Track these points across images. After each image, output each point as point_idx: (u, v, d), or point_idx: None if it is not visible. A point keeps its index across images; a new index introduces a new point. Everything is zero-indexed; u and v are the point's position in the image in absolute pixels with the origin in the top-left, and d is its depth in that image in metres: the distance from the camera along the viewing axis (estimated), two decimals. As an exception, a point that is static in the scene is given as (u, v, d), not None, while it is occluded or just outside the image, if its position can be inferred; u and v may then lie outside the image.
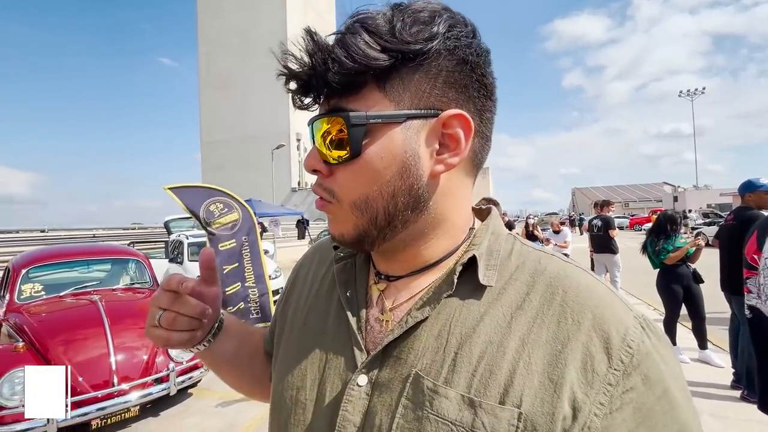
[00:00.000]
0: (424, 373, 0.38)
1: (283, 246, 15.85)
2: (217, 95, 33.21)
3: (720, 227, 3.15)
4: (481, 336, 0.38)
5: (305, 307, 0.53)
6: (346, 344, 0.44)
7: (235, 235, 3.99)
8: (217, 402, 3.40)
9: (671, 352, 0.38)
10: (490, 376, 0.36)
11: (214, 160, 33.21)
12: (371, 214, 0.40)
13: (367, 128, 0.38)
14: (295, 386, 0.46)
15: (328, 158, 0.40)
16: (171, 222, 10.45)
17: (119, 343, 3.02)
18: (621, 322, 0.36)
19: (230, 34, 32.91)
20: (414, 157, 0.39)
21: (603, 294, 0.39)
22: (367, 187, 0.39)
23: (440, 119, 0.39)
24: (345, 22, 0.39)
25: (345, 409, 0.40)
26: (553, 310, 0.38)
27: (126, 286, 4.14)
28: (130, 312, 3.55)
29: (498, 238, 0.45)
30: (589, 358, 0.35)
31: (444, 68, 0.38)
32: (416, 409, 0.37)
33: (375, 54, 0.36)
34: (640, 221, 28.78)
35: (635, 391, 0.34)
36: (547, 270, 0.41)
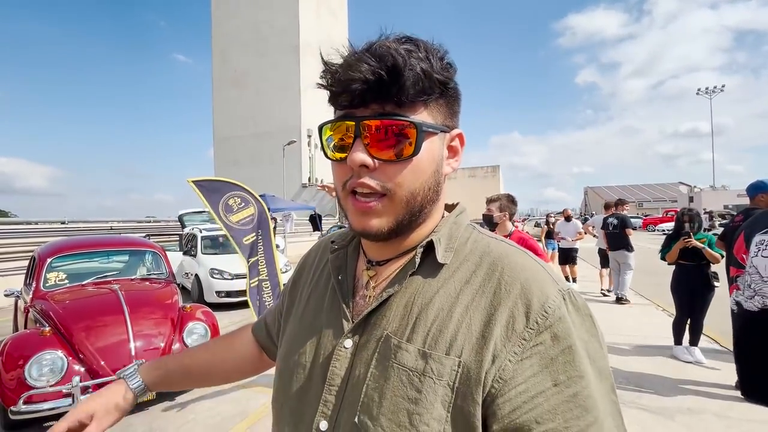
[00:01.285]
0: (392, 334, 0.49)
1: (294, 241, 16.01)
2: (230, 92, 33.55)
3: (727, 228, 3.13)
4: (435, 304, 0.48)
5: (308, 291, 0.64)
6: (337, 317, 0.55)
7: (253, 229, 4.12)
8: (230, 389, 3.53)
9: (586, 321, 0.46)
10: (439, 334, 0.46)
11: (226, 156, 33.61)
12: (413, 206, 0.50)
13: (425, 134, 0.48)
14: (297, 352, 0.57)
15: (381, 155, 0.47)
16: (185, 216, 10.66)
17: (138, 330, 3.15)
18: (543, 292, 0.45)
19: (244, 32, 33.17)
20: (441, 161, 0.52)
21: (535, 271, 0.48)
22: (417, 182, 0.49)
23: (452, 135, 0.53)
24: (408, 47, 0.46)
25: (334, 365, 0.51)
26: (492, 283, 0.48)
27: (143, 277, 4.30)
28: (148, 301, 3.70)
29: (459, 227, 0.55)
30: (511, 319, 0.44)
31: (452, 96, 0.52)
32: (384, 360, 0.47)
33: (439, 78, 0.47)
34: (653, 221, 28.28)
35: (543, 345, 0.43)
36: (492, 252, 0.51)
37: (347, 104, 0.47)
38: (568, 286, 0.48)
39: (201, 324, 3.51)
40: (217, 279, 6.63)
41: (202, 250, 7.40)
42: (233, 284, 6.60)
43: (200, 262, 7.07)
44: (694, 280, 3.69)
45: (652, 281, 7.36)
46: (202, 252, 7.34)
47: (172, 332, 3.33)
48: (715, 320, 4.33)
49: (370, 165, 0.47)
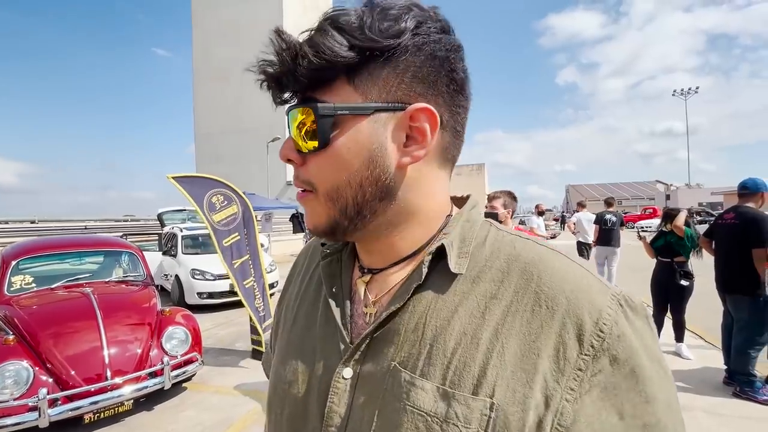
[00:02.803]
0: (402, 366, 0.39)
1: (278, 240, 15.77)
2: (212, 87, 32.79)
3: (718, 225, 3.14)
4: (455, 328, 0.39)
5: (295, 304, 0.54)
6: (333, 338, 0.45)
7: (237, 228, 3.96)
8: (212, 396, 3.38)
9: (648, 328, 0.38)
10: (464, 368, 0.37)
11: (208, 153, 32.87)
12: (341, 203, 0.41)
13: (335, 119, 0.39)
14: (287, 380, 0.47)
15: (301, 147, 0.41)
16: (164, 214, 10.34)
17: (112, 337, 2.97)
18: (594, 307, 0.37)
19: (226, 25, 32.45)
20: (381, 149, 0.40)
21: (578, 277, 0.39)
22: (336, 176, 0.40)
23: (407, 113, 0.39)
24: (318, 18, 0.40)
25: (331, 401, 0.42)
26: (527, 298, 0.38)
27: (119, 279, 4.08)
28: (124, 305, 3.50)
29: (473, 225, 0.45)
30: (561, 346, 0.36)
31: (412, 63, 0.39)
32: (395, 401, 0.38)
33: (343, 51, 0.37)
34: (633, 219, 29.06)
35: (603, 373, 0.35)
36: (521, 255, 0.41)
37: (277, 102, 0.43)
38: (619, 288, 0.39)
39: (181, 328, 3.34)
40: (198, 280, 6.41)
41: (182, 249, 7.14)
42: (216, 285, 6.39)
43: (181, 262, 6.82)
44: (667, 276, 3.74)
45: (639, 277, 7.51)
46: (182, 252, 7.09)
47: (149, 338, 3.15)
48: (700, 316, 4.41)
49: (295, 159, 0.42)
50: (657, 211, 28.64)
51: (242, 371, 3.90)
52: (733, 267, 2.88)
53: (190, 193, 3.71)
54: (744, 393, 2.92)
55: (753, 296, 2.77)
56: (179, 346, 3.26)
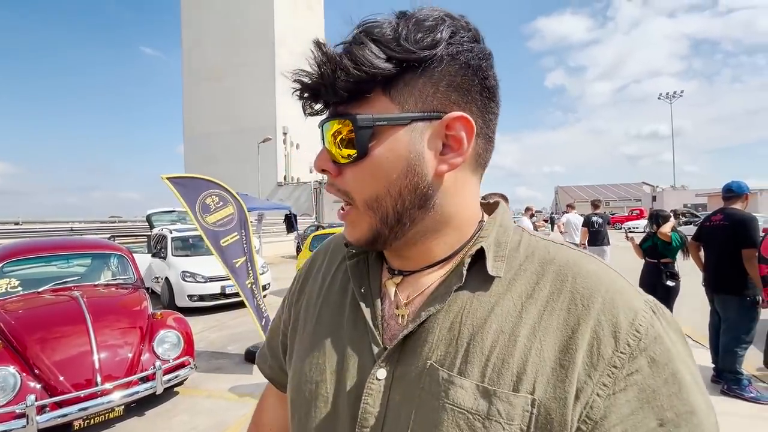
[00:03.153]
0: (439, 365, 0.40)
1: (269, 241, 15.64)
2: (202, 87, 32.44)
3: (706, 227, 3.21)
4: (492, 326, 0.39)
5: (318, 302, 0.53)
6: (363, 339, 0.45)
7: (234, 228, 3.91)
8: (205, 400, 3.33)
9: (681, 337, 0.38)
10: (502, 365, 0.37)
11: (198, 154, 32.50)
12: (382, 212, 0.42)
13: (373, 130, 0.40)
14: (314, 380, 0.47)
15: (337, 158, 0.42)
16: (153, 215, 10.19)
17: (102, 341, 2.91)
18: (630, 307, 0.37)
19: (217, 24, 32.13)
20: (418, 158, 0.40)
21: (613, 279, 0.40)
22: (376, 186, 0.41)
23: (443, 121, 0.40)
24: (352, 31, 0.41)
25: (366, 402, 0.41)
26: (563, 297, 0.39)
27: (108, 282, 4.01)
28: (114, 308, 3.44)
29: (506, 231, 0.46)
30: (595, 341, 0.36)
31: (447, 73, 0.40)
32: (433, 399, 0.38)
33: (381, 63, 0.38)
34: (620, 220, 29.52)
35: (640, 374, 0.34)
36: (556, 259, 0.42)
37: (308, 113, 0.44)
38: (651, 297, 0.40)
39: (173, 332, 3.29)
40: (189, 282, 6.32)
41: (172, 251, 7.04)
42: (207, 287, 6.31)
43: (171, 264, 6.73)
44: (654, 277, 3.80)
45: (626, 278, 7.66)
46: (172, 254, 6.99)
47: (141, 342, 3.09)
48: (687, 315, 4.50)
49: (331, 170, 0.43)
50: (644, 212, 29.15)
51: (235, 375, 3.86)
52: (722, 267, 2.94)
53: (182, 194, 3.65)
54: (731, 391, 2.99)
55: (741, 296, 2.84)
56: (171, 350, 3.20)
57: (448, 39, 0.39)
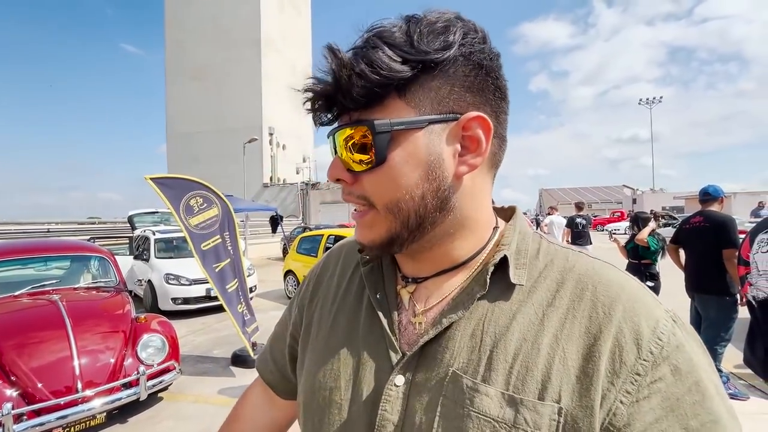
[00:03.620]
0: (462, 372, 0.39)
1: (255, 243, 15.44)
2: (185, 86, 31.85)
3: (686, 230, 3.31)
4: (515, 334, 0.39)
5: (332, 308, 0.53)
6: (380, 345, 0.45)
7: (217, 231, 3.85)
8: (191, 405, 3.26)
9: (701, 346, 0.38)
10: (527, 372, 0.37)
11: (182, 153, 31.87)
12: (403, 216, 0.41)
13: (391, 135, 0.39)
14: (328, 387, 0.46)
15: (353, 166, 0.41)
16: (135, 217, 9.95)
17: (83, 346, 2.81)
18: (651, 315, 0.37)
19: (202, 22, 31.61)
20: (438, 160, 0.40)
21: (633, 288, 0.40)
22: (396, 191, 0.40)
23: (460, 122, 0.40)
24: (361, 35, 0.40)
25: (384, 409, 0.41)
26: (584, 305, 0.39)
27: (89, 285, 3.88)
28: (95, 312, 3.33)
29: (525, 237, 0.46)
30: (618, 349, 0.36)
31: (461, 73, 0.40)
32: (457, 407, 0.38)
33: (397, 66, 0.37)
34: (602, 222, 30.21)
35: (664, 381, 0.35)
36: (575, 267, 0.42)
37: (319, 123, 0.43)
38: (671, 307, 0.40)
39: (158, 336, 3.21)
40: (173, 285, 6.18)
41: (155, 253, 6.88)
42: (191, 290, 6.19)
43: (154, 266, 6.57)
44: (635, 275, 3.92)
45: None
46: (155, 256, 6.83)
47: (123, 346, 3.00)
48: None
49: (346, 179, 0.42)
50: (624, 214, 29.89)
51: (222, 379, 3.79)
52: (703, 267, 3.03)
53: (167, 195, 3.57)
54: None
55: (721, 295, 2.93)
56: (156, 355, 3.12)
57: (460, 40, 0.39)
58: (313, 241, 7.33)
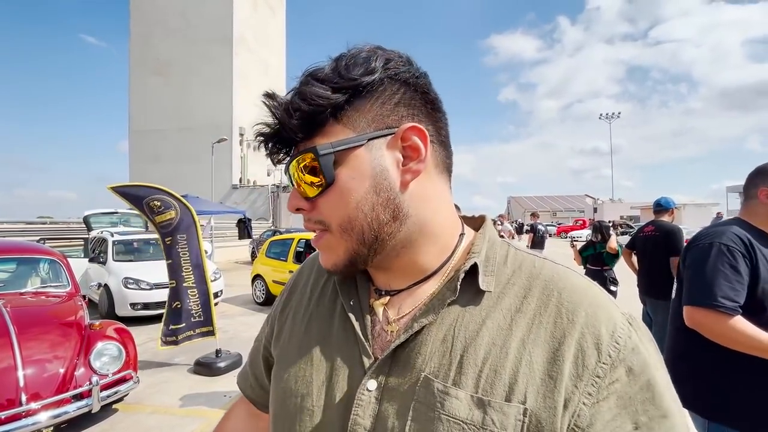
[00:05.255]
0: (434, 376, 0.40)
1: (222, 246, 14.95)
2: (151, 81, 30.47)
3: (639, 238, 3.52)
4: (484, 339, 0.41)
5: (305, 315, 0.53)
6: (352, 351, 0.46)
7: (171, 233, 3.78)
8: (149, 417, 3.09)
9: (654, 346, 0.41)
10: (495, 376, 0.39)
11: (146, 151, 30.37)
12: (357, 232, 0.43)
13: (335, 156, 0.42)
14: (299, 393, 0.47)
15: (308, 193, 0.44)
16: (91, 217, 9.37)
17: (28, 356, 2.62)
18: (611, 320, 0.40)
19: (169, 16, 30.42)
20: (383, 172, 0.43)
21: (595, 294, 0.43)
22: (347, 207, 0.43)
23: (398, 133, 0.43)
24: (298, 78, 0.44)
25: (356, 413, 0.42)
26: (549, 311, 0.41)
27: (37, 290, 3.62)
28: (43, 319, 3.11)
29: (493, 245, 0.48)
30: (580, 353, 0.38)
31: (389, 92, 0.44)
32: (428, 410, 0.39)
33: (328, 94, 0.41)
34: (566, 229, 31.58)
35: (620, 382, 0.37)
36: (542, 273, 0.44)
37: (276, 161, 0.47)
38: (627, 309, 0.43)
39: (113, 344, 3.03)
40: (132, 289, 5.86)
41: (113, 256, 6.51)
42: (152, 294, 5.88)
43: (111, 270, 6.20)
44: (599, 284, 4.12)
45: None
46: (113, 259, 6.46)
47: (75, 355, 2.82)
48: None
49: (304, 206, 0.45)
50: (586, 222, 31.39)
51: (183, 388, 3.62)
52: (653, 274, 3.24)
53: (131, 200, 3.69)
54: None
55: (668, 299, 3.13)
56: (111, 364, 2.95)
57: (383, 65, 0.43)
58: (283, 245, 7.19)
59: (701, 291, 1.24)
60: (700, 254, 1.32)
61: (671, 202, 3.39)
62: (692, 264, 1.34)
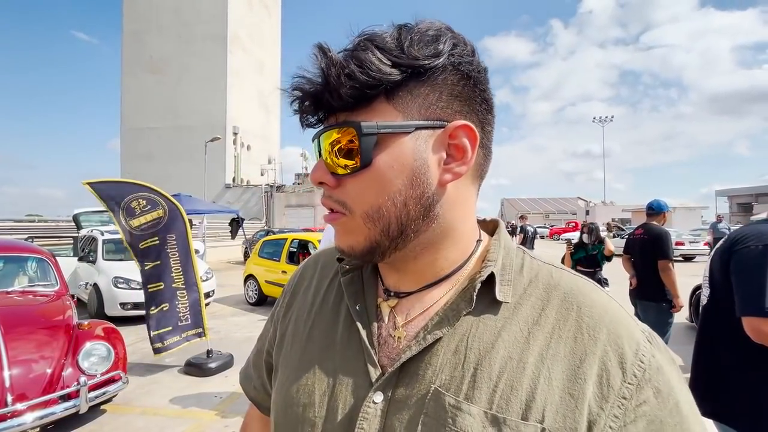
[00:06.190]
0: (444, 389, 0.38)
1: (214, 246, 14.83)
2: (144, 78, 30.16)
3: (630, 240, 3.56)
4: (500, 352, 0.38)
5: (308, 320, 0.51)
6: (358, 359, 0.43)
7: (158, 233, 3.71)
8: (138, 418, 3.05)
9: (674, 364, 0.39)
10: (511, 391, 0.36)
11: (137, 150, 30.05)
12: (384, 224, 0.40)
13: (378, 138, 0.38)
14: (301, 403, 0.44)
15: (337, 169, 0.40)
16: (81, 215, 9.24)
17: (14, 355, 2.57)
18: (633, 338, 0.38)
19: (163, 13, 30.15)
20: (423, 166, 0.39)
21: (615, 310, 0.41)
22: (378, 196, 0.39)
23: (447, 129, 0.40)
24: (352, 40, 0.40)
25: (361, 427, 0.39)
26: (569, 326, 0.39)
27: (24, 289, 3.56)
28: (30, 318, 3.05)
29: (509, 253, 0.45)
30: (605, 373, 0.36)
31: (449, 82, 0.40)
32: (438, 425, 0.36)
33: (387, 69, 0.37)
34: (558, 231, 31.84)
35: (648, 404, 0.35)
36: (560, 285, 0.42)
37: (306, 124, 0.42)
38: (645, 325, 0.41)
39: (102, 344, 2.99)
40: (122, 289, 5.79)
41: (103, 255, 6.42)
42: (142, 294, 5.80)
43: (101, 269, 6.12)
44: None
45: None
46: (103, 257, 6.37)
47: (63, 355, 2.77)
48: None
49: (329, 182, 0.41)
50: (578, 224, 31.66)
51: (172, 389, 3.58)
52: (643, 276, 3.28)
53: (105, 197, 3.54)
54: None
55: (658, 302, 3.17)
56: (99, 364, 2.91)
57: (450, 50, 0.39)
58: (276, 245, 7.15)
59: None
60: (752, 259, 1.18)
61: (664, 205, 3.38)
62: (744, 269, 1.20)
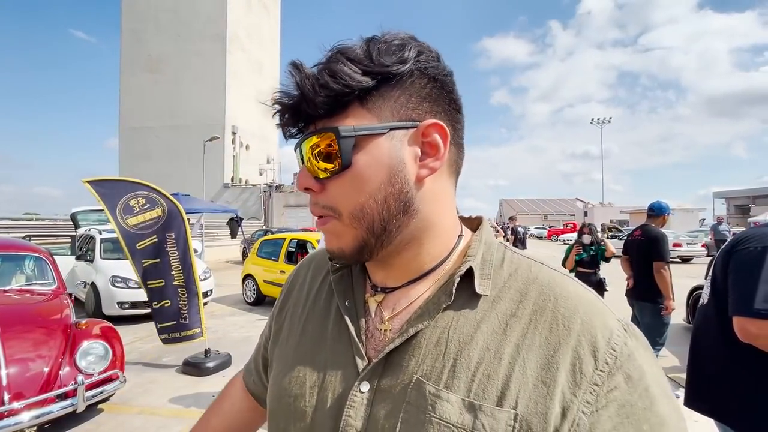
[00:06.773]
0: (426, 379, 0.40)
1: (212, 245, 14.81)
2: (142, 78, 30.08)
3: (628, 242, 3.58)
4: (478, 343, 0.41)
5: (302, 315, 0.54)
6: (346, 352, 0.46)
7: (156, 232, 3.72)
8: (135, 417, 3.05)
9: (649, 351, 0.41)
10: (488, 380, 0.39)
11: (136, 149, 29.96)
12: (368, 222, 0.43)
13: (355, 140, 0.41)
14: (293, 394, 0.47)
15: (319, 173, 0.43)
16: (79, 214, 9.22)
17: (11, 354, 2.56)
18: (606, 327, 0.40)
19: (162, 12, 30.09)
20: (400, 163, 0.42)
21: (590, 301, 0.42)
22: (360, 195, 0.42)
23: (419, 128, 0.43)
24: (325, 54, 0.43)
25: (348, 415, 0.42)
26: (545, 317, 0.41)
27: (21, 287, 3.55)
28: (27, 317, 3.05)
29: (490, 248, 0.48)
30: (577, 361, 0.38)
31: (417, 85, 0.43)
32: (419, 413, 0.39)
33: (359, 77, 0.40)
34: (557, 232, 31.88)
35: (619, 390, 0.37)
36: (538, 278, 0.44)
37: (288, 135, 0.45)
38: (622, 316, 0.43)
39: (99, 342, 2.99)
40: (120, 288, 5.79)
41: (101, 254, 6.41)
42: (141, 294, 5.75)
43: (99, 268, 6.11)
44: (593, 286, 4.19)
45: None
46: (101, 256, 6.36)
47: (60, 354, 2.77)
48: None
49: (314, 187, 0.44)
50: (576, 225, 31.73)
51: (170, 389, 3.58)
52: (640, 278, 3.30)
53: (102, 195, 3.57)
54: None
55: (654, 303, 3.19)
56: (97, 363, 2.90)
57: (415, 57, 0.43)
58: (274, 244, 7.14)
59: (764, 299, 1.10)
60: (751, 259, 1.18)
61: (666, 207, 3.38)
62: (741, 269, 1.20)
